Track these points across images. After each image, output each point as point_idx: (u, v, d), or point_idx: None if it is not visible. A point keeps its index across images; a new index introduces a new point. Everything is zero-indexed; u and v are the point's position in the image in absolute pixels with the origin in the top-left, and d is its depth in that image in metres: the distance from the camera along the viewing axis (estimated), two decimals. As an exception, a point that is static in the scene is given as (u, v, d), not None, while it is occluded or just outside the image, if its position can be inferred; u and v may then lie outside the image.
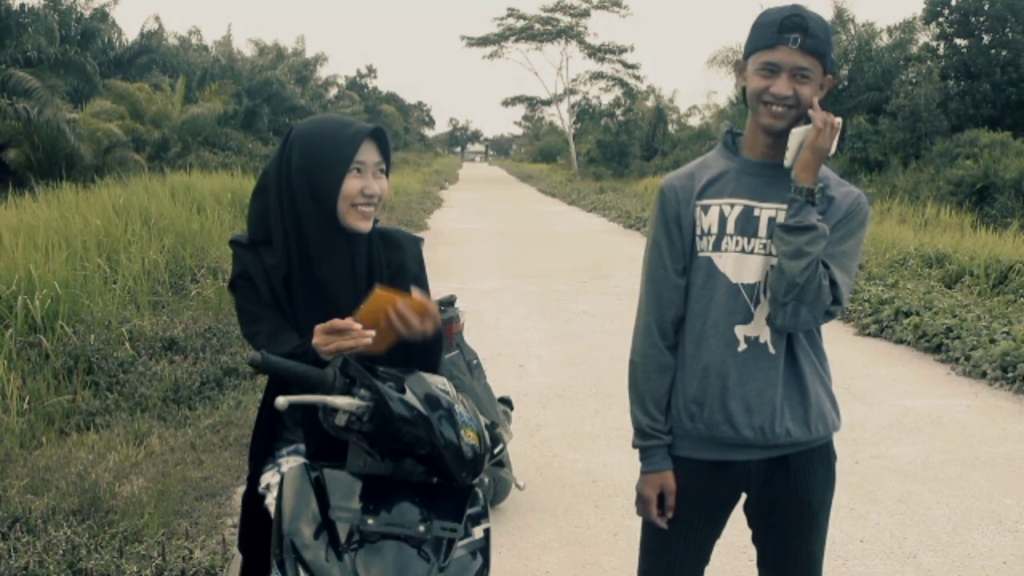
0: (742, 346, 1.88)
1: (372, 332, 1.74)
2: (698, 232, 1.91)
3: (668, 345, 1.94)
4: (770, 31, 1.81)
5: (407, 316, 1.76)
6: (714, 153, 2.00)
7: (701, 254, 1.91)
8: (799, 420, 1.91)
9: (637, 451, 2.00)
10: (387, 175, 1.95)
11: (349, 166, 1.85)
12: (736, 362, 1.88)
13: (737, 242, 1.89)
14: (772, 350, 1.89)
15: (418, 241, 2.08)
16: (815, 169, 1.81)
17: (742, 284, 1.88)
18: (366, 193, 1.87)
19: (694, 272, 1.92)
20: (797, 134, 1.83)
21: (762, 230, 1.88)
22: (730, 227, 1.89)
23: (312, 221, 1.86)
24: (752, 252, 1.88)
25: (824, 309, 1.84)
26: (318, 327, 1.74)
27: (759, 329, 1.88)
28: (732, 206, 1.90)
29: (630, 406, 1.99)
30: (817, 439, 1.94)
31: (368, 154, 1.89)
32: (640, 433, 1.97)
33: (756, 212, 1.88)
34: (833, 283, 1.84)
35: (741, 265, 1.88)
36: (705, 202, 1.91)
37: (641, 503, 1.99)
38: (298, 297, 1.90)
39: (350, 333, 1.72)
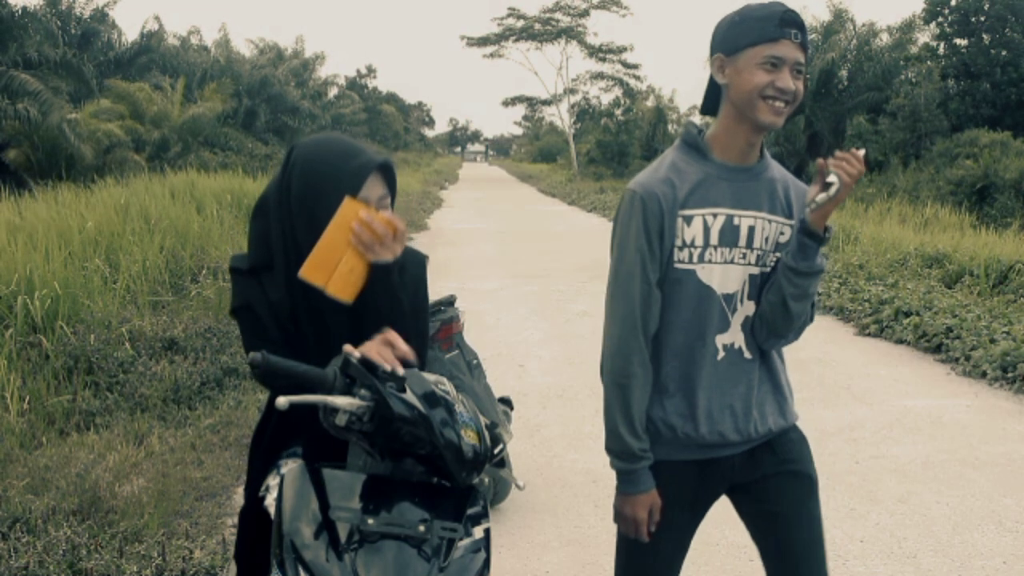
0: (721, 355, 1.87)
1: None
2: (678, 243, 1.83)
3: (649, 360, 1.86)
4: (771, 24, 1.76)
5: (373, 226, 1.70)
6: (680, 155, 1.89)
7: (680, 266, 1.83)
8: (777, 413, 1.94)
9: (617, 472, 1.90)
10: (392, 207, 1.86)
11: None
12: (717, 371, 1.87)
13: (722, 253, 1.85)
14: (748, 355, 1.89)
15: (423, 260, 2.00)
16: (829, 214, 1.80)
17: (723, 294, 1.86)
18: None
19: (671, 284, 1.84)
20: (828, 192, 1.76)
21: (742, 239, 1.85)
22: (713, 238, 1.83)
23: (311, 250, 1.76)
24: (733, 262, 1.86)
25: (804, 328, 1.92)
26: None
27: (735, 336, 1.88)
28: (715, 216, 1.84)
29: (614, 429, 1.86)
30: (791, 424, 1.99)
31: (372, 189, 1.80)
32: (628, 456, 1.86)
33: (736, 221, 1.85)
34: (812, 304, 1.89)
35: (726, 276, 1.85)
36: (688, 212, 1.82)
37: (632, 524, 1.90)
38: (304, 327, 1.84)
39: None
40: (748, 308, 1.88)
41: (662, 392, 1.88)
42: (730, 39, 1.82)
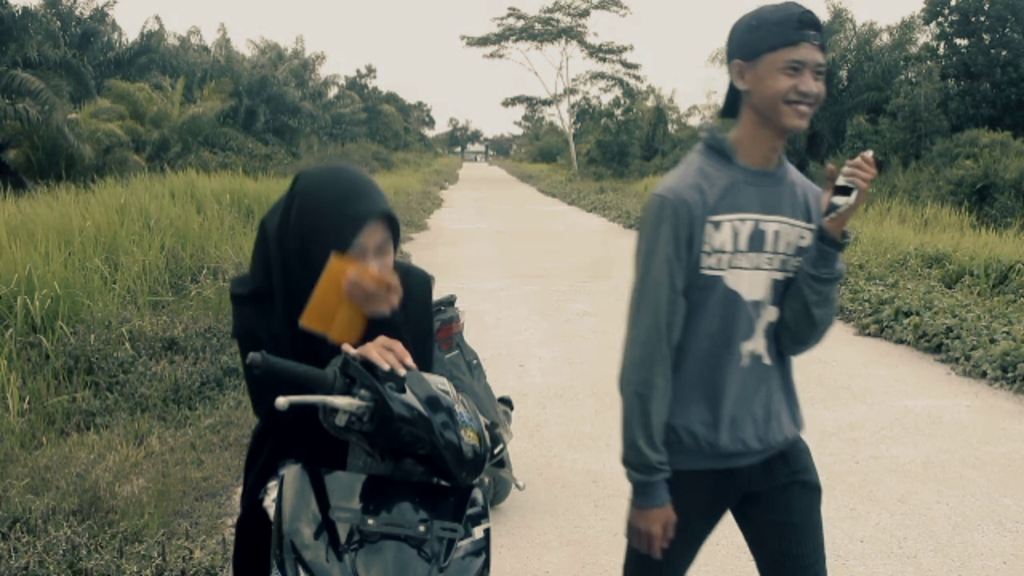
0: (745, 361, 1.86)
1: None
2: (706, 249, 1.80)
3: (671, 369, 1.84)
4: (789, 28, 1.74)
5: (363, 285, 1.65)
6: (704, 159, 1.86)
7: (708, 272, 1.81)
8: (791, 420, 1.95)
9: (633, 485, 1.87)
10: (395, 250, 1.78)
11: (347, 250, 1.69)
12: (740, 377, 1.85)
13: (750, 260, 1.83)
14: (767, 361, 1.89)
15: (428, 281, 1.96)
16: (847, 220, 1.80)
17: (750, 301, 1.85)
18: None
19: (698, 291, 1.81)
20: (849, 198, 1.77)
21: (768, 245, 1.84)
22: (742, 244, 1.82)
23: (305, 288, 1.70)
24: (759, 268, 1.84)
25: (826, 334, 1.93)
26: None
27: (757, 342, 1.87)
28: (743, 222, 1.82)
29: (632, 441, 1.82)
30: (799, 432, 1.99)
31: (371, 236, 1.73)
32: (646, 469, 1.82)
33: (762, 226, 1.83)
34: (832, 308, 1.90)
35: (753, 282, 1.84)
36: (717, 218, 1.80)
37: (645, 539, 1.86)
38: (304, 357, 1.79)
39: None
40: (771, 314, 1.87)
41: (685, 400, 1.85)
42: (748, 44, 1.79)
